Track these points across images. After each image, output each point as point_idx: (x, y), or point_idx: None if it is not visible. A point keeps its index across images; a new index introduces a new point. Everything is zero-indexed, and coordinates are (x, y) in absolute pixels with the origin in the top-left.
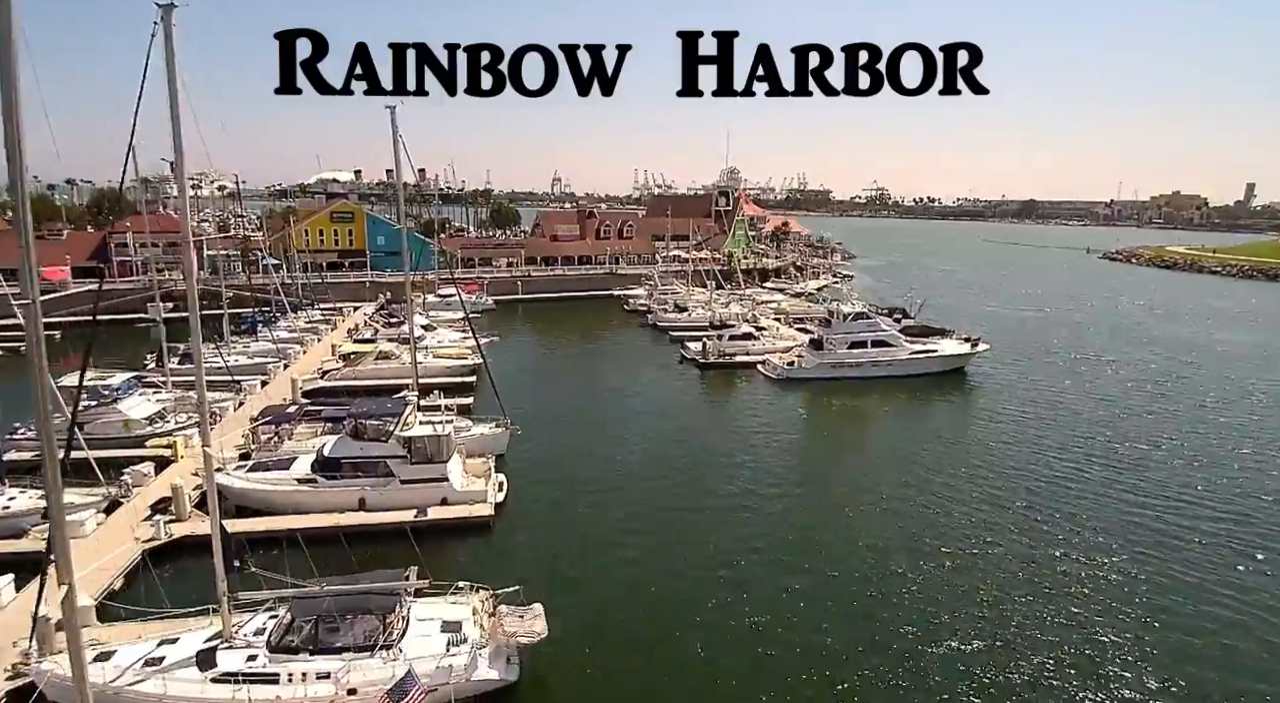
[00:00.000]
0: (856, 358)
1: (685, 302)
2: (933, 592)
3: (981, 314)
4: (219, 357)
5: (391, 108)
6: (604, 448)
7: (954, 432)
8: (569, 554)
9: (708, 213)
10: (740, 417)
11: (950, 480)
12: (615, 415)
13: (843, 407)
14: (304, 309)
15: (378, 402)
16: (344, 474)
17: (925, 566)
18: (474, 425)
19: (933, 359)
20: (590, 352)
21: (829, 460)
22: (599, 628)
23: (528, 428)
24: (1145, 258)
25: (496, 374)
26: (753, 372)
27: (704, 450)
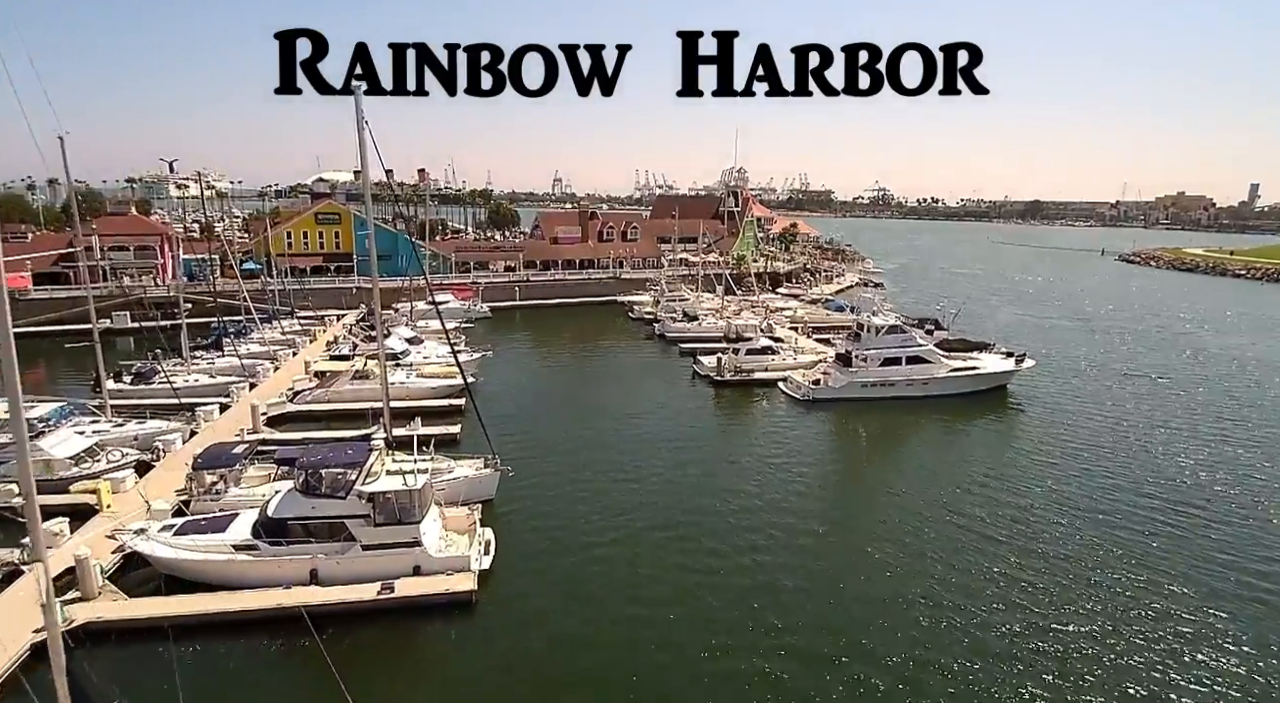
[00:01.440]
0: (890, 376)
1: (695, 310)
2: (992, 662)
3: (1012, 323)
4: (170, 378)
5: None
6: (610, 487)
7: (1001, 463)
8: (569, 640)
9: (715, 214)
10: (762, 444)
11: (1003, 525)
12: (622, 445)
13: (877, 432)
14: (279, 319)
15: (335, 447)
16: (292, 539)
17: (984, 632)
18: (457, 467)
19: (973, 377)
20: (593, 366)
21: (867, 500)
22: None
23: (523, 462)
24: (1164, 260)
25: (489, 394)
26: (773, 391)
27: (725, 490)
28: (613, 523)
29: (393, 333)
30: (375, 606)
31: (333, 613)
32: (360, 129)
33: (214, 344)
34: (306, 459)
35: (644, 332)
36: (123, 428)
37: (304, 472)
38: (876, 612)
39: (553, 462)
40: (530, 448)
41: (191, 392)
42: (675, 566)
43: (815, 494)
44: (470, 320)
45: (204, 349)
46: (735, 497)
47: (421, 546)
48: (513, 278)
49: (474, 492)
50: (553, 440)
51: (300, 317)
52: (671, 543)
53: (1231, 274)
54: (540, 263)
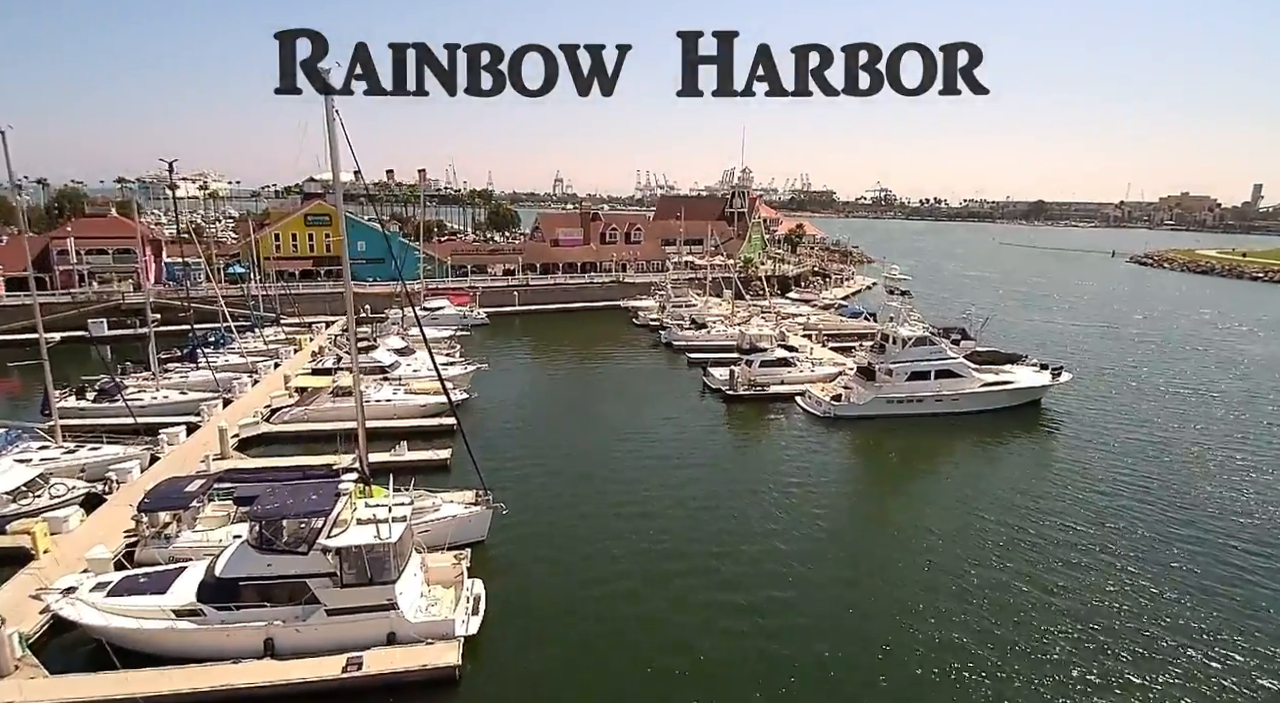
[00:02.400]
0: (918, 391)
1: (703, 316)
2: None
3: (1034, 330)
4: (137, 394)
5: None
6: (617, 522)
7: (1044, 492)
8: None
9: (720, 214)
10: (782, 469)
11: (1055, 567)
12: (629, 469)
13: (906, 455)
14: (261, 326)
15: (296, 491)
16: (244, 602)
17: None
18: (444, 504)
19: (1007, 392)
20: (597, 378)
21: (903, 537)
22: None
23: (520, 492)
24: (1178, 262)
25: (484, 411)
26: (790, 406)
27: (743, 524)
28: (620, 568)
29: (380, 344)
30: (341, 685)
31: (290, 694)
32: (330, 120)
33: (188, 356)
34: (261, 508)
35: (649, 339)
36: (74, 455)
37: (258, 523)
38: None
39: (553, 491)
40: (528, 474)
41: (160, 410)
42: (692, 624)
43: (844, 530)
44: (467, 328)
45: (177, 361)
46: (756, 533)
47: (398, 608)
48: (511, 282)
49: (463, 533)
50: (553, 464)
51: (286, 324)
52: (688, 593)
53: (1249, 277)
54: (540, 266)
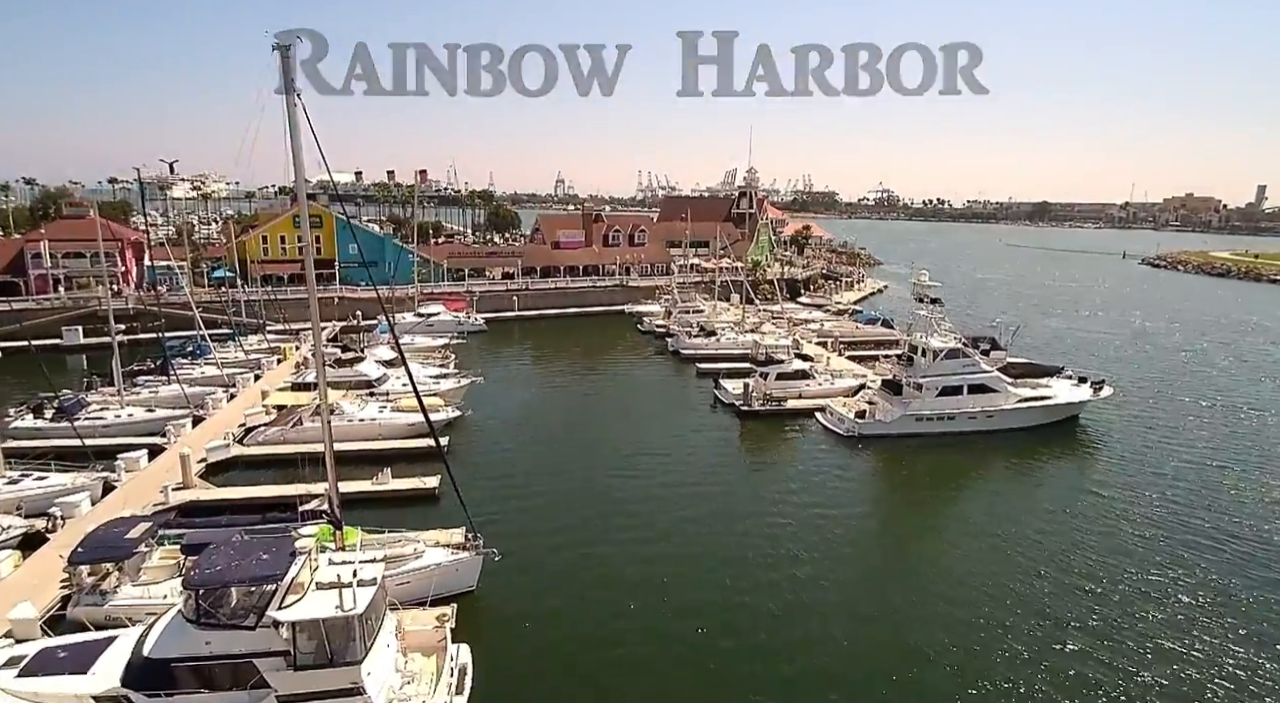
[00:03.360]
0: (949, 408)
1: (712, 323)
2: None
3: (1057, 338)
4: (99, 412)
5: (282, 48)
6: (625, 561)
7: (1092, 520)
8: None
9: (726, 215)
10: (804, 493)
11: (1109, 610)
12: (637, 495)
13: (937, 477)
14: (242, 335)
15: (243, 548)
16: (179, 689)
17: None
18: (427, 550)
19: (1044, 408)
20: (600, 390)
21: (942, 575)
22: None
23: (515, 526)
24: (1192, 264)
25: (478, 429)
26: (809, 423)
27: (765, 560)
28: (631, 623)
29: (368, 355)
30: None
31: None
32: (291, 108)
33: (159, 369)
34: (199, 572)
35: (654, 346)
36: (15, 486)
37: (194, 592)
38: None
39: (553, 524)
40: (525, 506)
41: (124, 429)
42: (714, 690)
43: (876, 566)
44: (463, 334)
45: (147, 374)
46: (779, 572)
47: (365, 693)
48: (511, 286)
49: (448, 583)
50: (554, 492)
51: (271, 331)
52: (706, 652)
53: (1267, 280)
54: (540, 269)
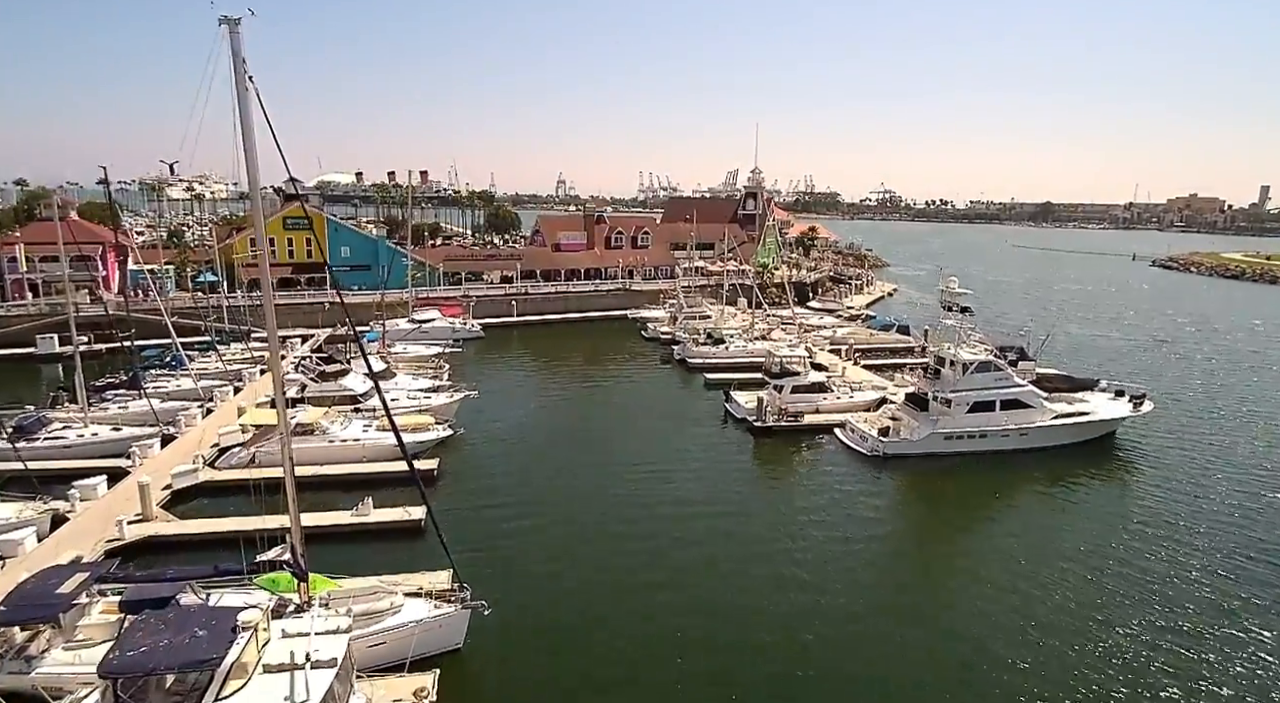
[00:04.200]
0: (981, 425)
1: (720, 330)
2: None
3: (1081, 345)
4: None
5: (231, 21)
6: (631, 608)
7: (1132, 548)
8: None
9: (732, 217)
10: (827, 521)
11: (1158, 656)
12: (645, 524)
13: (968, 500)
14: (219, 345)
15: (177, 622)
16: None
17: None
18: (406, 602)
19: (1082, 425)
20: (603, 403)
21: (974, 607)
22: None
23: (510, 563)
24: (1206, 266)
25: (470, 448)
26: (829, 439)
27: (788, 602)
28: (643, 692)
29: (354, 367)
30: None
31: None
32: (236, 69)
33: (130, 382)
34: (117, 657)
35: (660, 354)
36: None
37: (110, 683)
38: None
39: (552, 557)
40: (520, 543)
41: (85, 451)
42: None
43: (905, 602)
44: (458, 342)
45: (117, 389)
46: (800, 616)
47: None
48: (509, 290)
49: (431, 642)
50: (553, 524)
51: (256, 338)
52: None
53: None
54: (541, 273)
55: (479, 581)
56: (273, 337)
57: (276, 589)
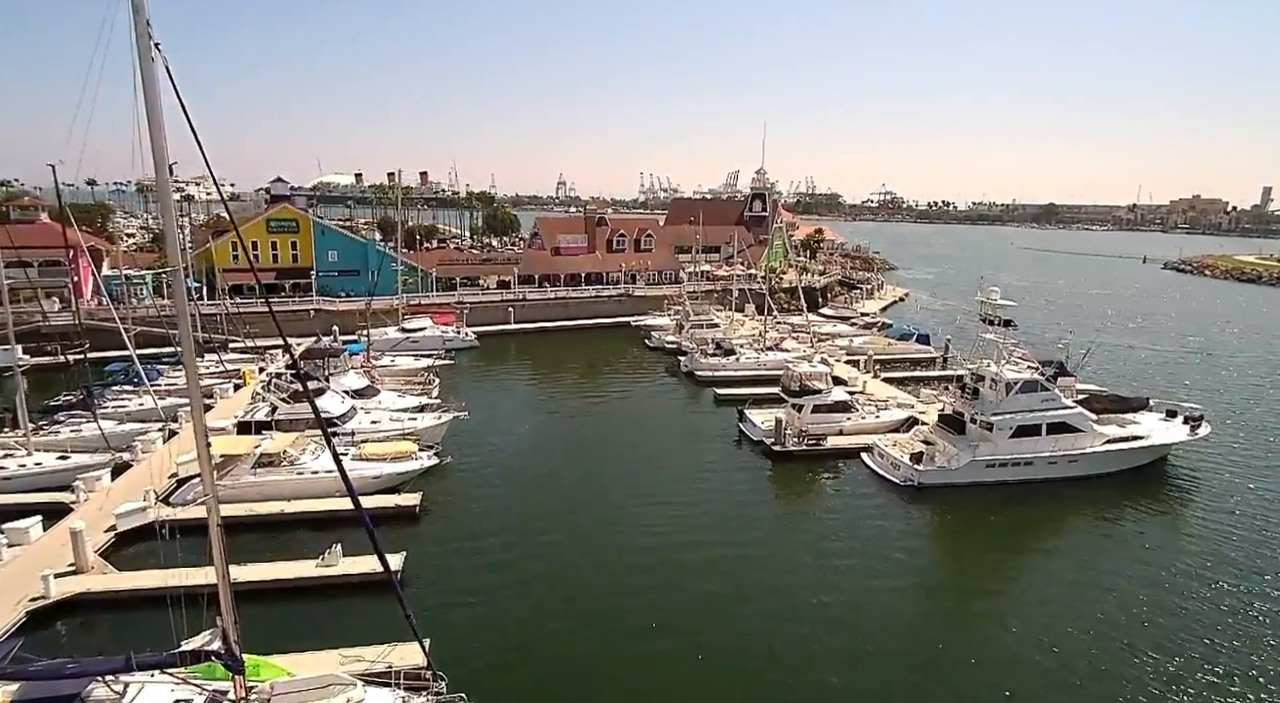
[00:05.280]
0: (1026, 452)
1: (730, 340)
2: None
3: (1111, 356)
4: None
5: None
6: (639, 681)
7: (1203, 598)
8: None
9: (738, 219)
10: (854, 566)
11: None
12: (655, 570)
13: (1016, 537)
14: (163, 365)
15: None
16: None
17: None
18: (367, 696)
19: (1134, 450)
20: (604, 421)
21: (1028, 669)
22: None
23: (494, 632)
24: (1221, 269)
25: (459, 476)
26: (854, 464)
27: (804, 656)
28: None
29: (333, 384)
30: None
31: None
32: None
33: (82, 403)
34: None
35: (665, 364)
36: None
37: None
38: None
39: (548, 617)
40: (511, 599)
41: (25, 484)
42: None
43: (953, 659)
44: (450, 353)
45: (70, 409)
46: (828, 674)
47: None
48: (506, 296)
49: None
50: (551, 570)
51: (234, 349)
52: None
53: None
54: (539, 278)
55: (462, 656)
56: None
57: (213, 677)
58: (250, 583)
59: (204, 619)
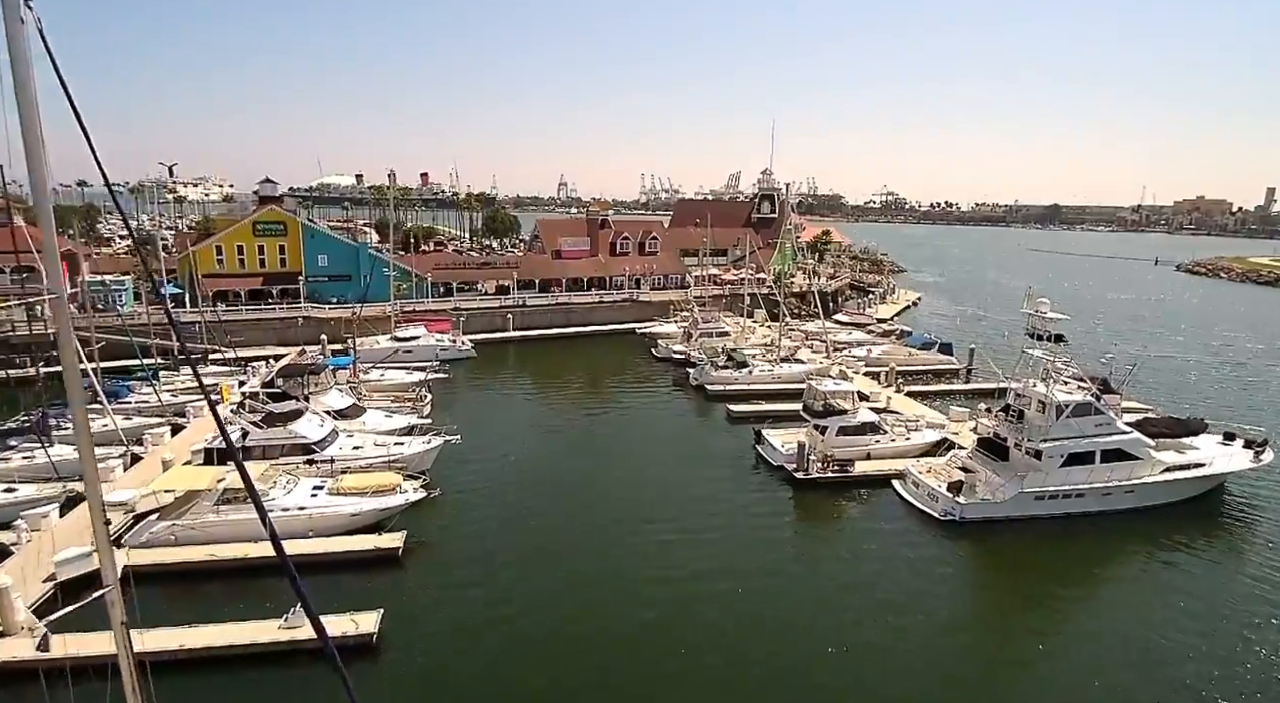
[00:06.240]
0: (1079, 482)
1: (741, 351)
2: None
3: (1147, 367)
4: None
5: None
6: None
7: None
8: None
9: (746, 221)
10: (891, 613)
11: None
12: (667, 639)
13: (1070, 579)
14: (154, 375)
15: None
16: None
17: None
18: None
19: (1194, 480)
20: (608, 440)
21: None
22: None
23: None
24: (1237, 273)
25: (450, 508)
26: (884, 493)
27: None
28: None
29: (313, 403)
30: None
31: None
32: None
33: (36, 426)
34: None
35: (672, 375)
36: None
37: None
38: None
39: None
40: (503, 666)
41: None
42: None
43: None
44: (444, 365)
45: (22, 434)
46: None
47: None
48: (505, 303)
49: None
50: (551, 624)
51: (214, 360)
52: None
53: None
54: (540, 283)
55: None
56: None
57: None
58: (200, 651)
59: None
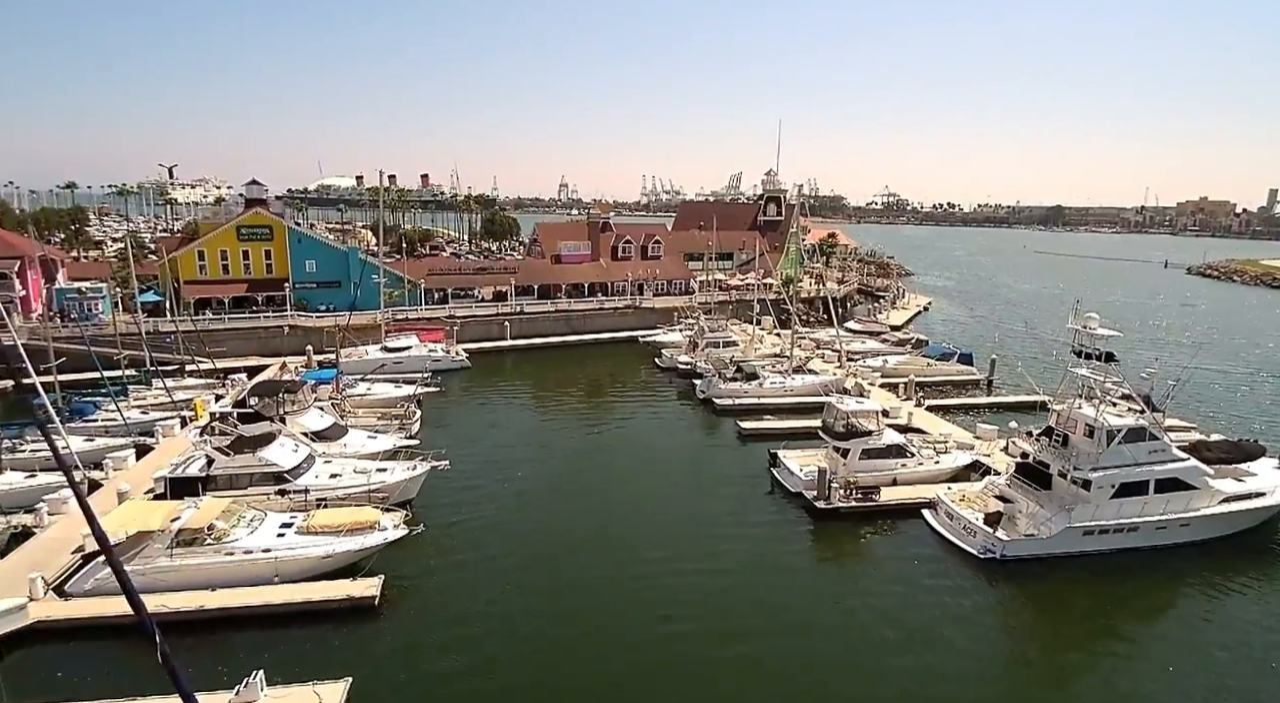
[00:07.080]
0: (1131, 516)
1: (751, 363)
2: None
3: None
4: None
5: None
6: None
7: None
8: None
9: (752, 223)
10: (925, 675)
11: None
12: (674, 657)
13: (1127, 625)
14: (120, 394)
15: None
16: None
17: None
18: None
19: (1256, 511)
20: (610, 460)
21: None
22: None
23: None
24: (1250, 275)
25: (432, 545)
26: (914, 524)
27: None
28: None
29: (291, 423)
30: None
31: None
32: None
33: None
34: None
35: (677, 387)
36: None
37: None
38: None
39: None
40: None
41: None
42: None
43: None
44: (437, 376)
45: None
46: None
47: None
48: (502, 309)
49: None
50: (548, 690)
51: (192, 373)
52: None
53: None
54: (539, 288)
55: None
56: None
57: None
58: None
59: None
